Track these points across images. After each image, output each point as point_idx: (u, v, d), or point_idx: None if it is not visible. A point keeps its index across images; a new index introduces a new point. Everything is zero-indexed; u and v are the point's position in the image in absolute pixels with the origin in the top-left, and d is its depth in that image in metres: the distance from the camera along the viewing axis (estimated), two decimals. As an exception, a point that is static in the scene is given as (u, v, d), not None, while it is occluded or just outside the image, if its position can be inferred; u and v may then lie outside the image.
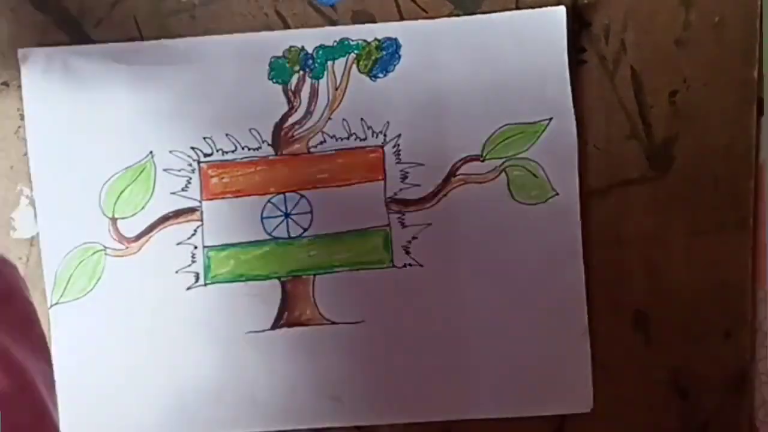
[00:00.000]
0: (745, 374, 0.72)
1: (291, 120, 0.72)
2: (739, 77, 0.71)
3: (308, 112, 0.72)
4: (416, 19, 0.72)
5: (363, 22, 0.72)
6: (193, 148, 0.72)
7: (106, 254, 0.72)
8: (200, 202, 0.72)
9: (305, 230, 0.72)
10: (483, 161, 0.71)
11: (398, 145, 0.71)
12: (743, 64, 0.71)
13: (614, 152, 0.72)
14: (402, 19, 0.72)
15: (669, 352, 0.72)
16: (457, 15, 0.71)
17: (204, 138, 0.72)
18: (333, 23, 0.72)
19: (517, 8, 0.71)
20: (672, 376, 0.72)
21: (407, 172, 0.71)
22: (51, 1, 0.72)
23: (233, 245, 0.72)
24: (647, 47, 0.71)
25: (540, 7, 0.71)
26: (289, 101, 0.72)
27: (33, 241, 0.73)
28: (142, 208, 0.72)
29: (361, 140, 0.72)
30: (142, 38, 0.72)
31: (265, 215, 0.72)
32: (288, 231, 0.72)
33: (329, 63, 0.72)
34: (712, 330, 0.72)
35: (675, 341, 0.72)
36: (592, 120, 0.72)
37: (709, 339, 0.72)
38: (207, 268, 0.72)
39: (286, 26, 0.72)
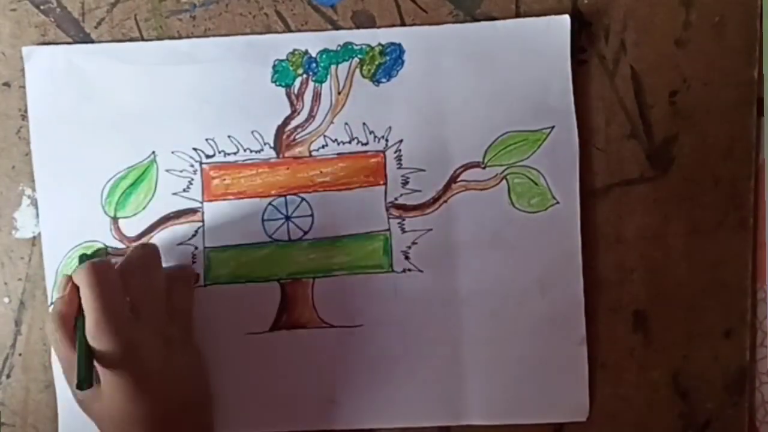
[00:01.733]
0: (745, 374, 0.72)
1: (293, 123, 0.72)
2: (739, 77, 0.71)
3: (311, 116, 0.72)
4: (416, 19, 0.72)
5: (363, 23, 0.72)
6: (195, 149, 0.72)
7: (107, 254, 0.72)
8: (201, 203, 0.72)
9: (305, 233, 0.72)
10: (484, 168, 0.71)
11: (400, 150, 0.71)
12: (743, 64, 0.71)
13: (614, 152, 0.72)
14: (402, 19, 0.72)
15: (669, 352, 0.72)
16: (457, 15, 0.71)
17: (206, 139, 0.72)
18: (333, 23, 0.72)
19: (517, 8, 0.71)
20: (672, 376, 0.72)
21: (408, 178, 0.71)
22: (51, 1, 0.73)
23: (234, 247, 0.72)
24: (647, 47, 0.71)
25: (540, 7, 0.71)
26: (291, 104, 0.72)
27: (35, 240, 0.73)
28: (144, 208, 0.72)
29: (362, 144, 0.72)
30: (142, 38, 0.72)
31: (265, 217, 0.72)
32: (288, 234, 0.72)
33: (332, 67, 0.72)
34: (712, 330, 0.72)
35: (675, 341, 0.72)
36: (592, 120, 0.72)
37: (709, 339, 0.72)
38: (207, 268, 0.72)
39: (286, 26, 0.72)
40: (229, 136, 0.72)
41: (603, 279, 0.72)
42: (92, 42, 0.73)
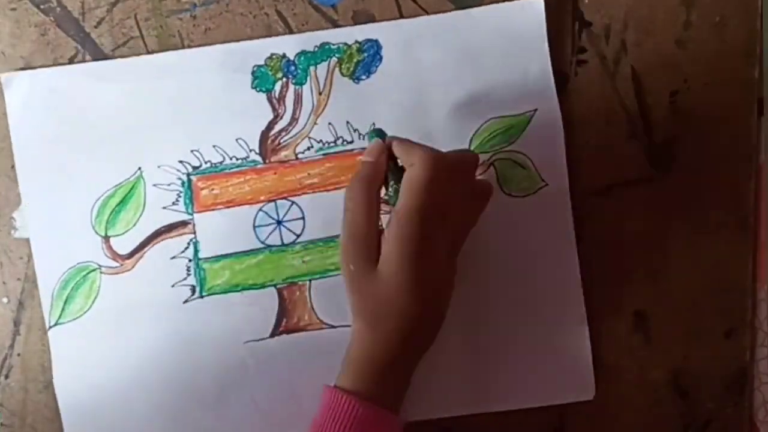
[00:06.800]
0: (745, 374, 0.72)
1: (277, 127, 0.72)
2: (739, 77, 0.71)
3: (294, 119, 0.72)
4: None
5: (364, 22, 0.72)
6: (181, 161, 0.72)
7: (101, 273, 0.72)
8: (192, 215, 0.72)
9: (298, 236, 0.72)
10: None
11: None
12: (743, 64, 0.71)
13: (614, 152, 0.72)
14: (403, 18, 0.72)
15: (669, 352, 0.72)
16: (457, 14, 0.72)
17: (191, 151, 0.72)
18: (334, 23, 0.72)
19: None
20: (672, 376, 0.72)
21: None
22: (51, 1, 0.73)
23: (227, 256, 0.72)
24: (648, 47, 0.71)
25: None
26: (273, 109, 0.72)
27: (35, 240, 0.74)
28: (134, 224, 0.72)
29: (347, 143, 0.72)
30: (142, 38, 0.72)
31: (257, 224, 0.72)
32: (281, 238, 0.72)
33: (311, 68, 0.72)
34: (712, 330, 0.72)
35: (675, 341, 0.72)
36: (592, 120, 0.71)
37: (709, 339, 0.72)
38: (202, 280, 0.72)
39: (287, 26, 0.72)
40: (214, 146, 0.72)
41: (603, 279, 0.72)
42: (93, 41, 0.73)
